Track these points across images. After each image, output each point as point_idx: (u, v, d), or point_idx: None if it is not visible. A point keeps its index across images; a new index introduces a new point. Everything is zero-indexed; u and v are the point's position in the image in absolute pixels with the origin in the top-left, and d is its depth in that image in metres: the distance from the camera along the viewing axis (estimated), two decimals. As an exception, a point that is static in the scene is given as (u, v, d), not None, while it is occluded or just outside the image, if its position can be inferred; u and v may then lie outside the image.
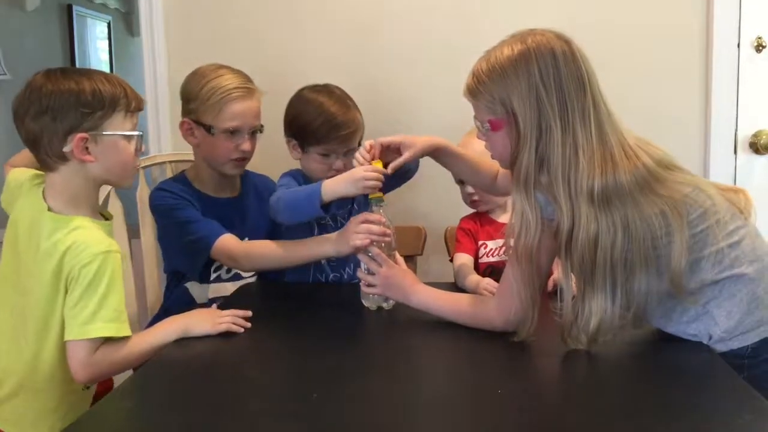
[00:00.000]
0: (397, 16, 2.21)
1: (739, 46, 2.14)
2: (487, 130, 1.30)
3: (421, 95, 2.21)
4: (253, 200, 1.89)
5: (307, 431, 1.00)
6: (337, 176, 1.59)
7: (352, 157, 1.60)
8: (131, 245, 2.02)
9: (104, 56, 5.09)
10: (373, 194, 1.53)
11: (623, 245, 1.19)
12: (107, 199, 1.92)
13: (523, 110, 1.22)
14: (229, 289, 1.79)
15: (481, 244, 1.78)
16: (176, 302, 1.81)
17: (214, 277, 1.82)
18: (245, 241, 1.77)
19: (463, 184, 1.80)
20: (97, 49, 4.96)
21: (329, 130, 1.66)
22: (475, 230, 1.80)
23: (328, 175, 1.65)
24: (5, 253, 1.42)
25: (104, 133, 1.34)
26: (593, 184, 1.19)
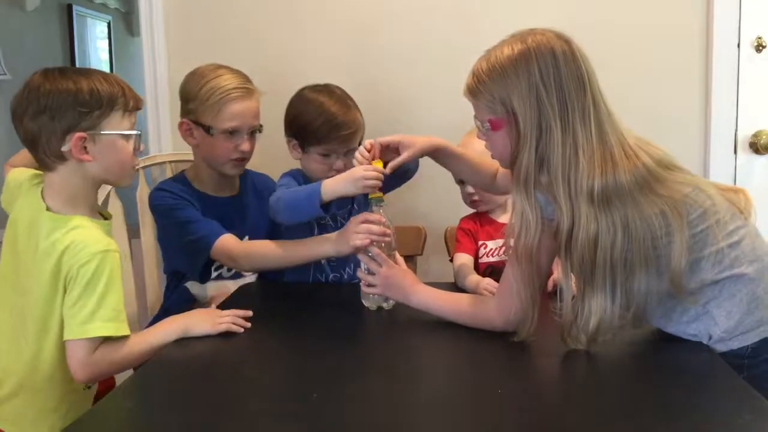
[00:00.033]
0: (397, 16, 2.21)
1: (739, 46, 2.14)
2: (487, 129, 1.30)
3: (421, 95, 2.21)
4: (252, 199, 1.89)
5: (307, 431, 1.00)
6: (336, 176, 1.59)
7: (352, 157, 1.60)
8: (131, 245, 2.02)
9: (104, 56, 5.10)
10: (373, 194, 1.53)
11: (623, 245, 1.19)
12: (107, 198, 1.92)
13: (523, 110, 1.22)
14: (230, 287, 1.79)
15: (481, 244, 1.78)
16: (176, 302, 1.81)
17: (214, 275, 1.82)
18: (245, 240, 1.77)
19: (463, 184, 1.80)
20: (97, 49, 4.96)
21: (330, 130, 1.66)
22: (475, 230, 1.80)
23: (328, 175, 1.65)
24: (5, 253, 1.42)
25: (102, 132, 1.34)
26: (593, 183, 1.19)
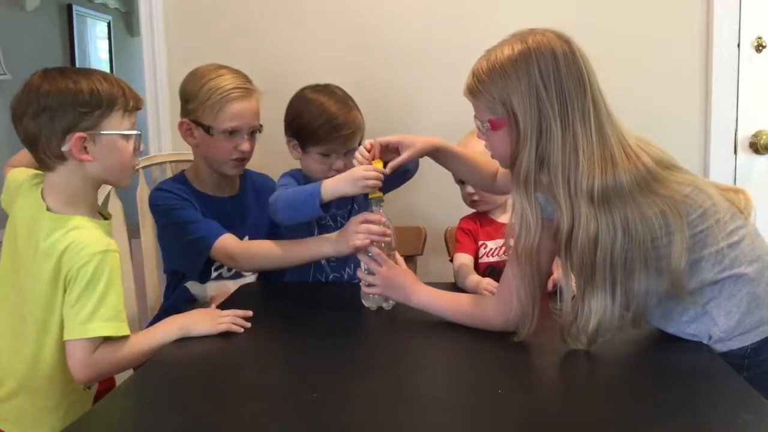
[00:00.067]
0: (397, 16, 2.21)
1: (739, 46, 2.14)
2: (487, 129, 1.30)
3: (421, 95, 2.21)
4: (252, 199, 1.89)
5: (306, 431, 1.00)
6: (336, 176, 1.59)
7: (352, 157, 1.60)
8: (131, 245, 2.02)
9: (104, 56, 5.09)
10: (373, 194, 1.53)
11: (623, 245, 1.19)
12: (107, 198, 1.92)
13: (523, 110, 1.22)
14: (230, 287, 1.79)
15: (481, 244, 1.78)
16: (176, 302, 1.81)
17: (214, 275, 1.81)
18: (245, 240, 1.77)
19: (463, 184, 1.80)
20: (97, 48, 4.96)
21: (330, 130, 1.66)
22: (475, 230, 1.80)
23: (328, 175, 1.64)
24: (5, 253, 1.42)
25: (102, 132, 1.34)
26: (593, 183, 1.19)
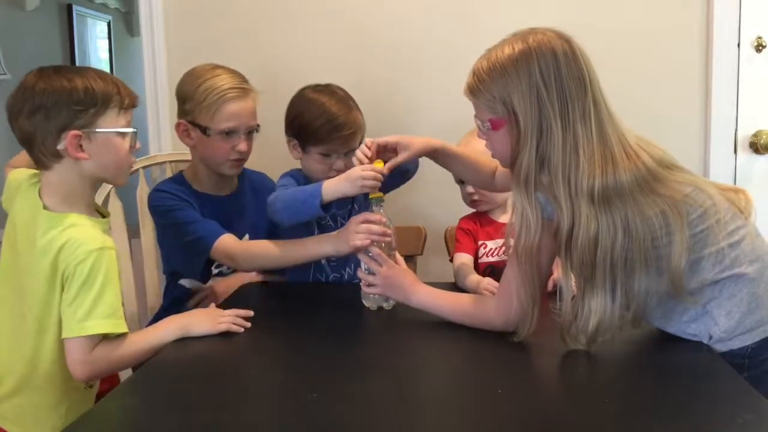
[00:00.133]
0: (397, 16, 2.21)
1: (739, 46, 2.14)
2: (487, 129, 1.30)
3: (421, 95, 2.21)
4: (251, 197, 1.88)
5: (306, 431, 1.00)
6: (337, 176, 1.58)
7: (352, 157, 1.60)
8: (131, 245, 2.02)
9: (104, 56, 5.10)
10: (373, 194, 1.53)
11: (623, 245, 1.19)
12: (107, 198, 1.92)
13: (523, 109, 1.22)
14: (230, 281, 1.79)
15: (480, 244, 1.78)
16: (175, 302, 1.81)
17: (215, 273, 1.82)
18: (245, 240, 1.77)
19: (463, 183, 1.80)
20: (97, 48, 4.96)
21: (330, 130, 1.66)
22: (474, 230, 1.80)
23: (328, 175, 1.64)
24: (4, 252, 1.42)
25: (97, 130, 1.33)
26: (593, 183, 1.19)
